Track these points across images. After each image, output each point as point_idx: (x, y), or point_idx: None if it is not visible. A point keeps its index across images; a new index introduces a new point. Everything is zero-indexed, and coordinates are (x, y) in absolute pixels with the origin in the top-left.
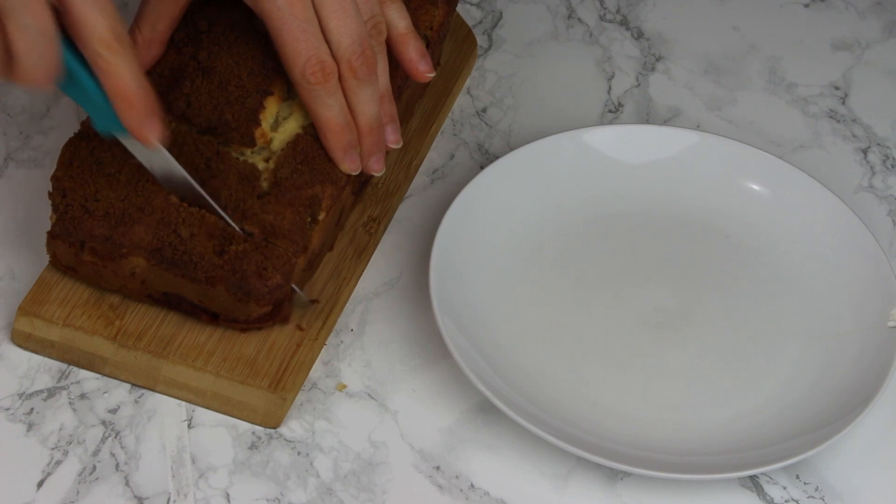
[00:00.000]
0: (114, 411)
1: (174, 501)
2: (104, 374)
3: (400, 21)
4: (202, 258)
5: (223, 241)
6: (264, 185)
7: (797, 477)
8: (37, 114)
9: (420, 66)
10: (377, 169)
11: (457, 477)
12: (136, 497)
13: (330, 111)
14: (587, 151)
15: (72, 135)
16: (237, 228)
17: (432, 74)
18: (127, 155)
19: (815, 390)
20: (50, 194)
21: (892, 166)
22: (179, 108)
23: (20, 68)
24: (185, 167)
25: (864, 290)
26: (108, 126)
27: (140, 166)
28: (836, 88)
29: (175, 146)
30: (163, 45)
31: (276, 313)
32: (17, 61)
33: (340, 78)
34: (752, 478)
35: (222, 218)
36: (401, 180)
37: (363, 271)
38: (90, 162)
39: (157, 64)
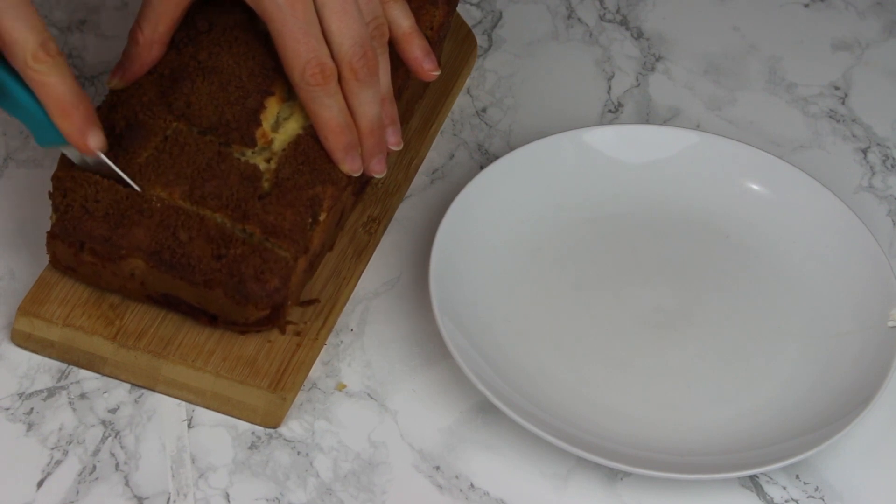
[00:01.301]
0: (114, 411)
1: (174, 501)
2: (104, 374)
3: (404, 20)
4: (200, 262)
5: (221, 244)
6: (265, 185)
7: (797, 477)
8: None
9: (425, 64)
10: (379, 170)
11: (457, 477)
12: (135, 497)
13: (329, 112)
14: (587, 151)
15: None
16: None
17: (438, 73)
18: (127, 155)
19: (815, 390)
20: (50, 194)
21: (892, 166)
22: (180, 108)
23: None
24: (185, 168)
25: (864, 290)
26: (48, 139)
27: (142, 169)
28: (836, 88)
29: (176, 146)
30: (164, 46)
31: (275, 317)
32: None
33: (341, 80)
34: (752, 478)
35: None
36: (401, 180)
37: (363, 271)
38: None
39: (157, 64)
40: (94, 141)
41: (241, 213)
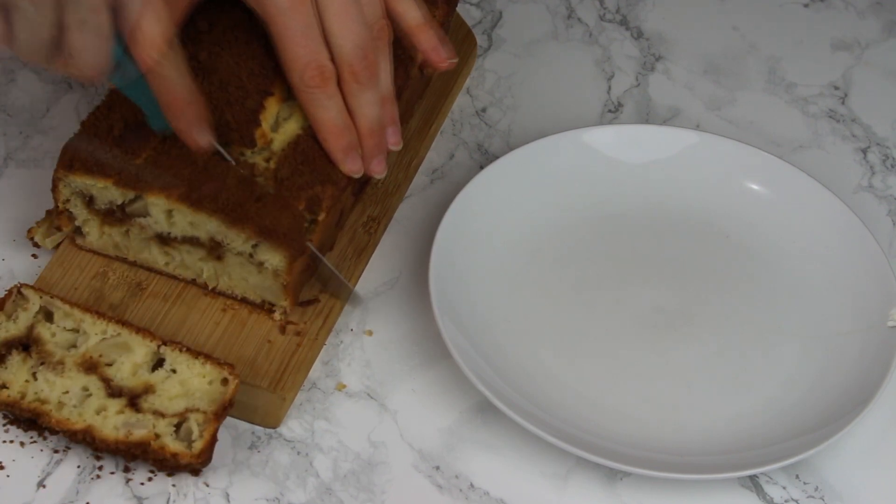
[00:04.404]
0: None
1: (174, 501)
2: None
3: (415, 11)
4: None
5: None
6: (265, 185)
7: (797, 477)
8: (37, 114)
9: (441, 52)
10: (379, 171)
11: (456, 477)
12: (135, 497)
13: (328, 114)
14: (587, 151)
15: (72, 135)
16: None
17: (455, 60)
18: (126, 156)
19: (815, 390)
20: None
21: (892, 166)
22: None
23: (73, 60)
24: (184, 168)
25: (864, 290)
26: (163, 125)
27: (140, 170)
28: (836, 88)
29: (175, 146)
30: None
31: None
32: (70, 54)
33: (341, 81)
34: (752, 478)
35: None
36: (400, 180)
37: (363, 271)
38: (91, 163)
39: None
40: (201, 137)
41: (239, 213)
